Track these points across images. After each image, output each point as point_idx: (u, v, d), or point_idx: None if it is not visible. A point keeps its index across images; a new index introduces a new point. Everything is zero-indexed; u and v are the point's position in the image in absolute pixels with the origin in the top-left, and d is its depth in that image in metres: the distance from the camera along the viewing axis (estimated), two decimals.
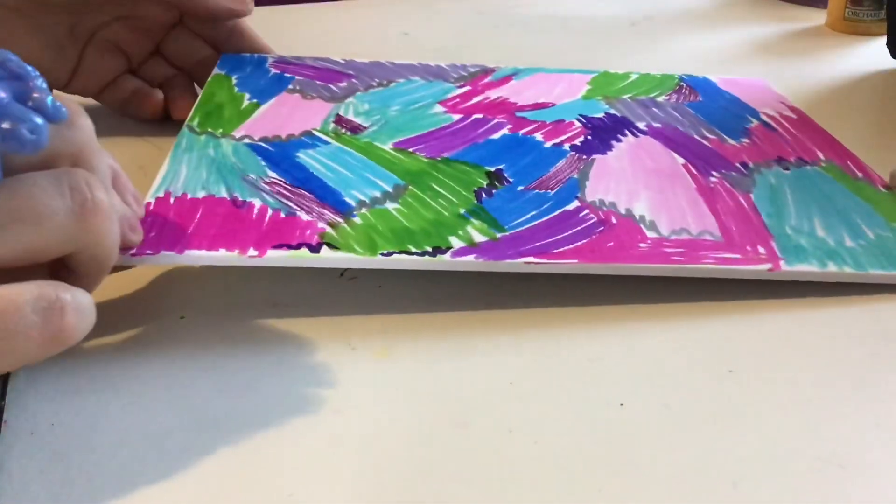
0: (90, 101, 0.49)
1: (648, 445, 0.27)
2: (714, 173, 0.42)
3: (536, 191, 0.39)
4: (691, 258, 0.35)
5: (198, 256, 0.33)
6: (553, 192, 0.39)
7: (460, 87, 0.50)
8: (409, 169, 0.40)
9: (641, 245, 0.35)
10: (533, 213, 0.37)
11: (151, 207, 0.36)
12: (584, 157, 0.43)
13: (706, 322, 0.33)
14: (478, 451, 0.27)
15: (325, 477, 0.26)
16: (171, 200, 0.36)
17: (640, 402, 0.29)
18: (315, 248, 0.33)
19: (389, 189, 0.38)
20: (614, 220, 0.37)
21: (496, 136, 0.44)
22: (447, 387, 0.30)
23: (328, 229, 0.35)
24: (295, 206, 0.36)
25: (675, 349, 0.32)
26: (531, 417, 0.29)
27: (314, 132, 0.44)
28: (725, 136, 0.46)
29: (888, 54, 0.60)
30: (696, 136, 0.46)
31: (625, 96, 0.50)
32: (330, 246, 0.34)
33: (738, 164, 0.43)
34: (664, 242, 0.36)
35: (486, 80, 0.52)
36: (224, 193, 0.37)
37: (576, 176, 0.40)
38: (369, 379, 0.30)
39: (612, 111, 0.48)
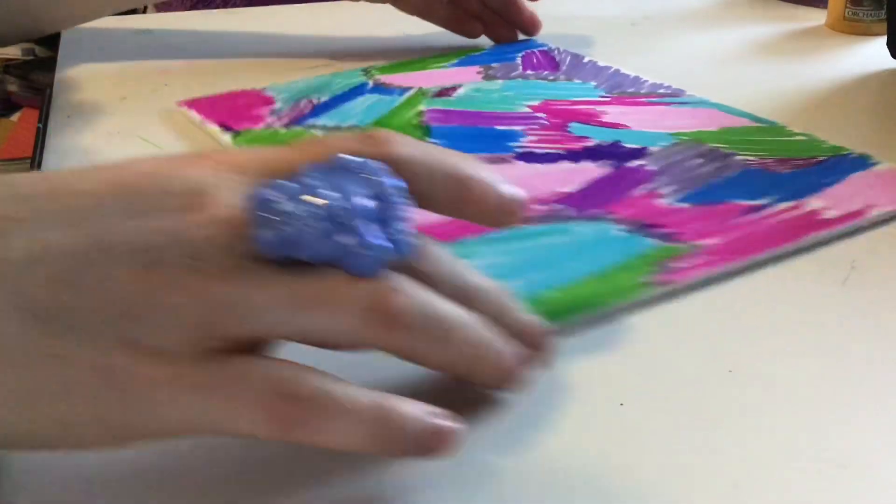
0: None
1: (648, 445, 0.27)
2: (540, 206, 0.40)
3: None
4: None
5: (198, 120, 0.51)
6: None
7: (604, 97, 0.54)
8: (394, 122, 0.51)
9: None
10: None
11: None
12: (506, 157, 0.46)
13: (706, 322, 0.33)
14: (479, 451, 0.27)
15: (326, 477, 0.26)
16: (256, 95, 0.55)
17: (640, 402, 0.29)
18: (227, 130, 0.49)
19: (353, 124, 0.50)
20: None
21: (501, 127, 0.50)
22: (448, 387, 0.30)
23: (263, 127, 0.50)
24: (288, 117, 0.51)
25: (675, 349, 0.32)
26: (531, 417, 0.29)
27: (420, 88, 0.56)
28: (667, 197, 0.41)
29: (888, 54, 0.60)
30: (633, 190, 0.42)
31: (714, 143, 0.47)
32: (235, 137, 0.48)
33: (583, 211, 0.40)
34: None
35: (635, 98, 0.54)
36: (277, 98, 0.54)
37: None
38: (369, 379, 0.30)
39: (657, 147, 0.46)
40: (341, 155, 0.26)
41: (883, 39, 0.61)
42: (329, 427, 0.24)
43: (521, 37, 0.66)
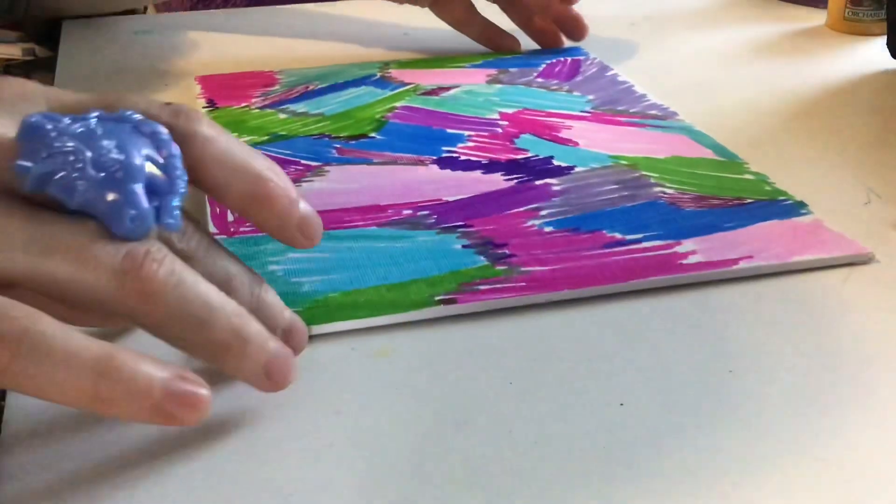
0: None
1: (648, 445, 0.27)
2: (406, 212, 0.40)
3: (336, 154, 0.46)
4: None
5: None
6: (343, 157, 0.46)
7: (586, 112, 0.51)
8: (359, 114, 0.51)
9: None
10: (309, 153, 0.46)
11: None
12: (423, 159, 0.45)
13: (706, 322, 0.33)
14: (478, 451, 0.27)
15: (325, 477, 0.26)
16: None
17: (640, 402, 0.29)
18: (210, 104, 0.52)
19: (320, 112, 0.51)
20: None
21: (452, 130, 0.49)
22: (447, 387, 0.30)
23: (240, 106, 0.52)
24: (272, 100, 0.53)
25: (675, 349, 0.32)
26: (531, 417, 0.29)
27: (416, 85, 0.55)
28: (541, 220, 0.39)
29: (888, 54, 0.60)
30: (515, 208, 0.40)
31: (646, 171, 0.43)
32: (211, 111, 0.52)
33: (442, 222, 0.39)
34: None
35: (617, 116, 0.51)
36: (281, 81, 0.55)
37: (373, 160, 0.45)
38: (369, 379, 0.30)
39: (584, 168, 0.44)
40: (132, 112, 0.26)
41: (883, 39, 0.61)
42: (41, 374, 0.22)
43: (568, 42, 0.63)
